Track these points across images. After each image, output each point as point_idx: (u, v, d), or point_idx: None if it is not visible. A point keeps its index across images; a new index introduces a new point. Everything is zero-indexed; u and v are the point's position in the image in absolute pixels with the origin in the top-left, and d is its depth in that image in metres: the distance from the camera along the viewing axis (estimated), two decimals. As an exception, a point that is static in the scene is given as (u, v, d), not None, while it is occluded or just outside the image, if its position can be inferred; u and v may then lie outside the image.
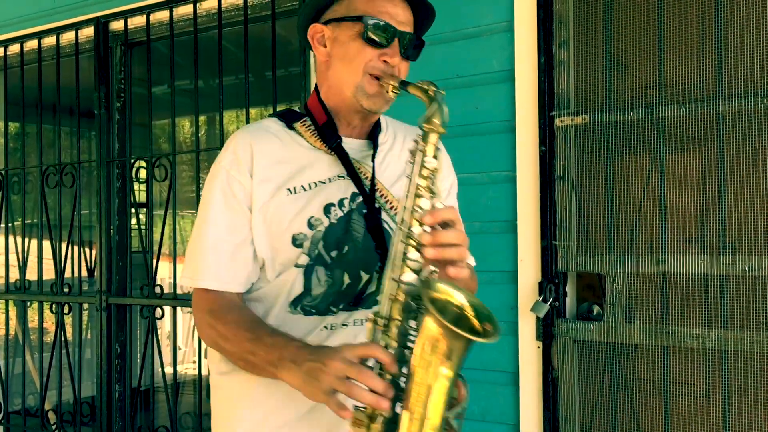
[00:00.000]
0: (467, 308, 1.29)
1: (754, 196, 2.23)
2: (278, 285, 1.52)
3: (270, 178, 1.51)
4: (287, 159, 1.54)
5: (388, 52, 1.48)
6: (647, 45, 2.40)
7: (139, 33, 3.57)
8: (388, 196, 1.56)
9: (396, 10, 1.50)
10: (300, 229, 1.49)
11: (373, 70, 1.49)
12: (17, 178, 4.05)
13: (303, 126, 1.59)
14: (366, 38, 1.48)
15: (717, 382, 2.27)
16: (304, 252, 1.49)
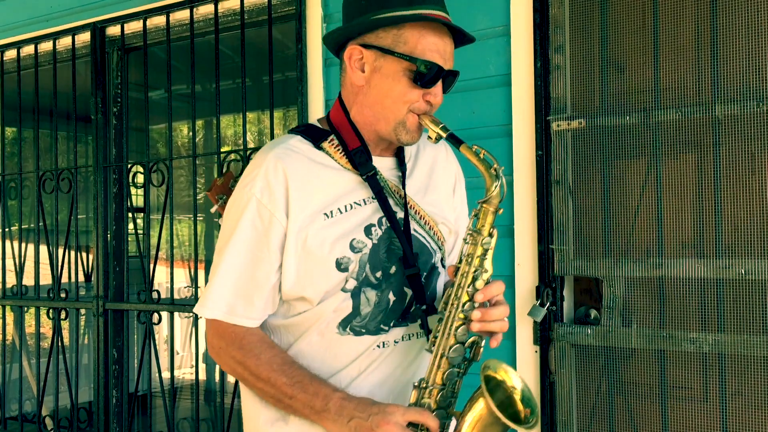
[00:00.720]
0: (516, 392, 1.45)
1: (750, 200, 2.23)
2: (324, 309, 1.50)
3: (305, 205, 1.47)
4: (320, 183, 1.50)
5: (433, 92, 1.49)
6: (643, 49, 2.40)
7: (135, 38, 3.57)
8: (417, 208, 1.58)
9: (445, 47, 1.50)
10: (343, 253, 1.47)
11: (417, 110, 1.50)
12: (14, 183, 4.04)
13: (331, 146, 1.55)
14: (415, 80, 1.47)
15: (714, 385, 2.27)
16: (351, 276, 1.48)
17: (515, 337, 2.54)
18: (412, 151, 1.65)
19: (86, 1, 3.63)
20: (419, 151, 1.66)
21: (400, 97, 1.48)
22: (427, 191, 1.61)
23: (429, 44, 1.47)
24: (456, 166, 1.72)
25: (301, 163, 1.50)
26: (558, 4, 2.49)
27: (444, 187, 1.67)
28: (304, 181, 1.48)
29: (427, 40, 1.47)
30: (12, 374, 4.16)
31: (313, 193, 1.48)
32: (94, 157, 3.61)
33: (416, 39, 1.47)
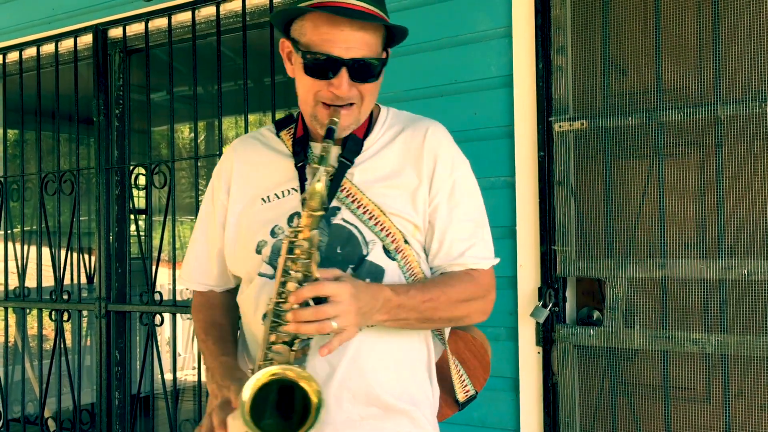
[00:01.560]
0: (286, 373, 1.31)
1: (752, 200, 2.23)
2: (249, 295, 1.55)
3: (246, 189, 1.58)
4: (266, 168, 1.57)
5: (334, 82, 1.43)
6: (645, 50, 2.40)
7: (137, 40, 3.57)
8: (358, 197, 1.51)
9: (342, 36, 1.41)
10: (263, 237, 1.51)
11: (324, 99, 1.46)
12: (16, 185, 4.05)
13: (287, 134, 1.61)
14: (308, 72, 1.45)
15: (717, 386, 2.27)
16: (265, 260, 1.50)
17: (518, 338, 2.54)
18: (377, 144, 1.56)
19: (88, 4, 3.63)
20: (388, 144, 1.56)
21: (307, 90, 1.47)
22: (381, 181, 1.52)
23: (321, 34, 1.41)
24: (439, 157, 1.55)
25: (254, 149, 1.62)
26: (560, 5, 2.50)
27: (409, 182, 1.53)
28: (251, 166, 1.60)
29: (320, 30, 1.42)
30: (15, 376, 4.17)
31: (257, 178, 1.58)
32: (97, 159, 3.62)
33: (310, 30, 1.43)
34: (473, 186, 1.61)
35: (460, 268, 1.55)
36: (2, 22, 3.97)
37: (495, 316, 2.59)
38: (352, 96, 1.45)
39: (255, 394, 1.28)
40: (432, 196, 1.53)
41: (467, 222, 1.56)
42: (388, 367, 1.51)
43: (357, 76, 1.43)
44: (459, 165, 1.58)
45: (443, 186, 1.54)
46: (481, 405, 2.60)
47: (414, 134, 1.56)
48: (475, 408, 2.62)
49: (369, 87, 1.47)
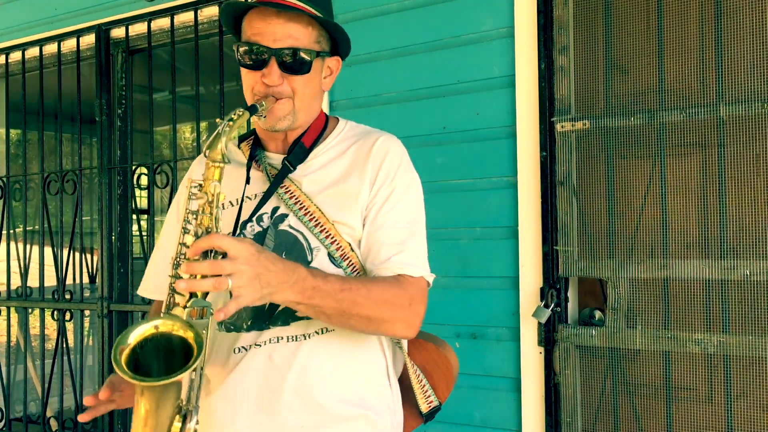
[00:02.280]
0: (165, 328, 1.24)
1: (755, 201, 2.23)
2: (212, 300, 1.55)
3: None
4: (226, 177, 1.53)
5: (265, 71, 1.47)
6: (648, 50, 2.40)
7: (140, 40, 3.57)
8: (306, 204, 1.51)
9: (270, 29, 1.46)
10: None
11: (259, 93, 1.50)
12: (19, 184, 4.05)
13: (246, 144, 1.65)
14: (241, 63, 1.50)
15: (719, 386, 2.27)
16: None
17: (520, 338, 2.54)
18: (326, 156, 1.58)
19: (91, 4, 3.64)
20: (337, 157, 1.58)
21: (246, 86, 1.53)
22: (327, 190, 1.53)
23: (253, 29, 1.49)
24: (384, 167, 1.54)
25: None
26: (562, 5, 2.50)
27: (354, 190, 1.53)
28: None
29: (252, 25, 1.49)
30: (17, 375, 4.17)
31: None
32: (99, 159, 3.62)
33: (246, 27, 1.51)
34: (414, 198, 1.57)
35: (387, 273, 1.50)
36: (5, 22, 3.97)
37: (497, 316, 2.61)
38: (283, 90, 1.49)
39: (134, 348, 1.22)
40: (369, 200, 1.53)
41: (399, 229, 1.52)
42: (340, 375, 1.51)
43: (287, 68, 1.47)
44: (401, 175, 1.56)
45: (381, 192, 1.53)
46: (482, 405, 2.60)
47: (363, 144, 1.57)
48: (476, 408, 2.62)
49: (301, 81, 1.50)
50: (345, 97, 2.92)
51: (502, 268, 2.59)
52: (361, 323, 1.43)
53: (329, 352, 1.50)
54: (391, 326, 1.47)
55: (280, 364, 1.47)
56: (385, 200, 1.52)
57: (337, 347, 1.51)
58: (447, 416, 2.66)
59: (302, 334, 1.49)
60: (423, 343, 1.72)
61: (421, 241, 1.55)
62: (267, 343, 1.49)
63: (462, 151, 2.66)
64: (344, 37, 1.56)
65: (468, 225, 2.65)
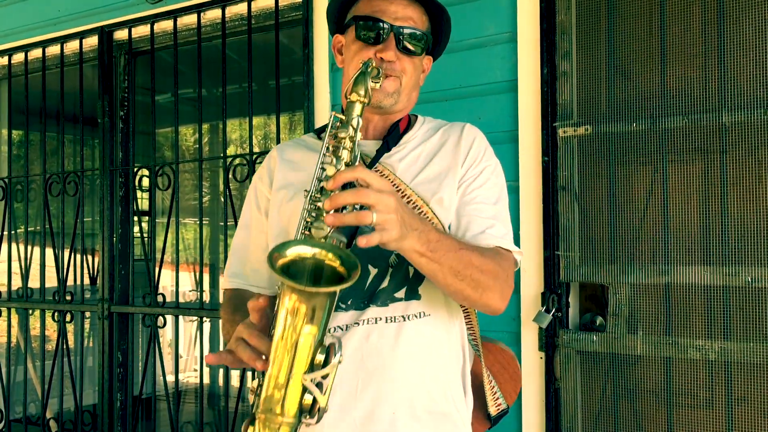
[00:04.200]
0: (321, 256, 1.18)
1: (757, 207, 2.22)
2: None
3: (289, 184, 1.59)
4: (308, 165, 1.56)
5: (382, 47, 1.51)
6: (650, 56, 2.40)
7: (143, 42, 3.58)
8: (402, 188, 1.52)
9: (393, 8, 1.52)
10: None
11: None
12: (20, 185, 4.06)
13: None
14: (359, 36, 1.52)
15: (720, 393, 2.27)
16: None
17: (520, 343, 2.54)
18: (416, 139, 1.61)
19: (94, 5, 3.64)
20: (426, 140, 1.61)
21: (356, 59, 1.52)
22: (420, 172, 1.56)
23: (374, 6, 1.52)
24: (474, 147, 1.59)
25: (296, 149, 1.66)
26: (565, 10, 2.50)
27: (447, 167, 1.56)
28: (293, 162, 1.63)
29: (373, 3, 1.53)
30: (17, 377, 4.17)
31: (298, 173, 1.60)
32: (101, 161, 3.62)
33: (364, 5, 1.54)
34: (501, 180, 1.62)
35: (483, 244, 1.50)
36: (8, 24, 3.98)
37: (497, 320, 2.60)
38: (396, 67, 1.52)
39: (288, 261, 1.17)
40: (462, 178, 1.56)
41: (490, 205, 1.56)
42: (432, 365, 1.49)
43: (403, 48, 1.52)
44: (490, 157, 1.62)
45: (473, 169, 1.57)
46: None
47: (451, 129, 1.63)
48: (477, 413, 2.62)
49: (412, 63, 1.55)
50: (347, 101, 2.92)
51: (503, 272, 2.59)
52: (468, 286, 1.40)
53: (424, 339, 1.49)
54: (492, 295, 1.45)
55: (379, 346, 1.44)
56: (477, 176, 1.56)
57: (430, 336, 1.50)
58: (447, 421, 2.65)
59: (402, 315, 1.47)
60: (490, 345, 1.73)
61: (508, 221, 1.59)
62: (366, 323, 1.46)
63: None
64: (446, 37, 1.63)
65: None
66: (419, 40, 1.54)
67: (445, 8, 1.60)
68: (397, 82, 1.54)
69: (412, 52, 1.54)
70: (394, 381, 1.45)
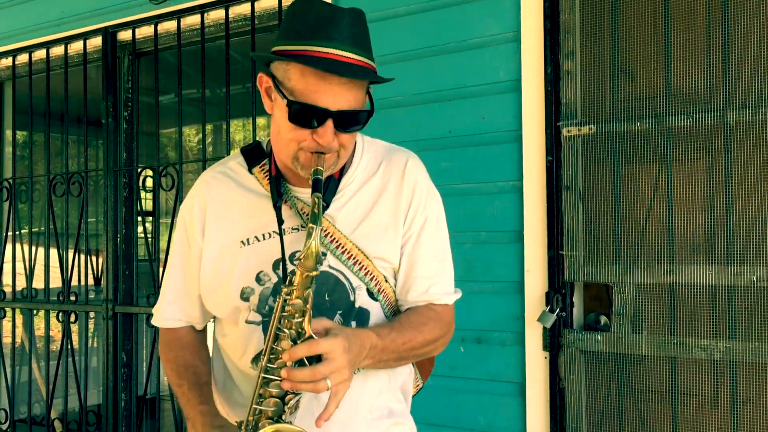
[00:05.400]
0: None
1: (761, 206, 2.22)
2: (236, 338, 1.54)
3: (221, 233, 1.54)
4: (241, 210, 1.53)
5: (320, 131, 1.37)
6: (654, 55, 2.40)
7: (146, 43, 3.58)
8: (342, 242, 1.49)
9: (330, 89, 1.35)
10: (248, 283, 1.50)
11: (307, 149, 1.40)
12: (25, 186, 4.06)
13: (261, 171, 1.55)
14: (292, 120, 1.38)
15: (725, 393, 2.26)
16: (252, 308, 1.50)
17: (525, 343, 2.53)
18: (355, 182, 1.54)
19: (98, 6, 3.65)
20: (366, 181, 1.54)
21: (288, 134, 1.40)
22: (361, 224, 1.51)
23: (309, 85, 1.35)
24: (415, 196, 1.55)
25: (228, 187, 1.57)
26: (568, 9, 2.49)
27: (388, 219, 1.53)
28: (225, 206, 1.55)
29: (308, 80, 1.35)
30: (21, 377, 4.18)
31: (233, 221, 1.54)
32: (105, 161, 3.63)
33: (297, 77, 1.36)
34: (441, 221, 1.60)
35: (423, 303, 1.56)
36: (12, 25, 3.99)
37: (502, 320, 2.60)
38: (333, 146, 1.40)
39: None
40: (405, 230, 1.54)
41: (433, 259, 1.56)
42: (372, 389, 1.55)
43: (342, 126, 1.39)
44: (431, 200, 1.58)
45: (416, 222, 1.54)
46: (487, 410, 2.59)
47: (392, 168, 1.55)
48: (481, 412, 2.62)
49: (350, 137, 1.44)
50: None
51: (507, 272, 2.59)
52: (412, 360, 1.57)
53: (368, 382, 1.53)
54: (435, 352, 1.59)
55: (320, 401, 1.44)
56: (420, 231, 1.54)
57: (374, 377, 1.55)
58: (452, 420, 2.65)
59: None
60: None
61: (450, 265, 1.61)
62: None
63: (467, 156, 2.66)
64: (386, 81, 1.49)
65: (473, 229, 2.65)
66: (359, 116, 1.41)
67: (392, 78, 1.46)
68: (334, 156, 1.42)
69: (351, 129, 1.41)
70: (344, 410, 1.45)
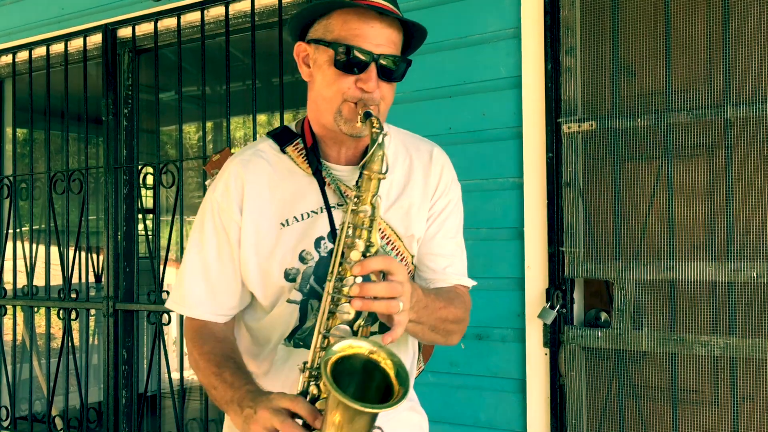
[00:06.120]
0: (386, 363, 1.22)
1: (762, 203, 2.22)
2: (275, 318, 1.53)
3: (261, 211, 1.51)
4: (280, 190, 1.52)
5: (363, 77, 1.41)
6: (655, 51, 2.40)
7: (146, 40, 3.58)
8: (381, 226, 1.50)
9: (373, 32, 1.40)
10: (292, 264, 1.49)
11: (351, 98, 1.43)
12: (25, 184, 4.06)
13: (295, 150, 1.55)
14: (338, 66, 1.42)
15: (725, 389, 2.26)
16: (296, 287, 1.50)
17: (525, 339, 2.53)
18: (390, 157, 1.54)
19: (98, 3, 3.65)
20: (395, 162, 1.57)
21: (332, 85, 1.44)
22: (393, 205, 1.53)
23: (352, 29, 1.40)
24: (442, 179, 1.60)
25: (263, 169, 1.53)
26: (569, 6, 2.49)
27: (417, 200, 1.56)
28: (261, 186, 1.52)
29: (350, 25, 1.41)
30: (22, 374, 4.18)
31: (271, 202, 1.51)
32: (105, 159, 3.63)
33: (340, 26, 1.42)
34: (460, 208, 1.66)
35: (443, 283, 1.57)
36: (12, 22, 3.98)
37: (502, 317, 2.60)
38: (376, 96, 1.43)
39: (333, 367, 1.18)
40: (430, 212, 1.58)
41: (451, 240, 1.61)
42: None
43: (384, 74, 1.43)
44: (455, 185, 1.64)
45: (440, 202, 1.59)
46: (488, 406, 2.60)
47: (419, 155, 1.60)
48: (482, 409, 2.62)
49: (390, 89, 1.47)
50: (351, 98, 2.92)
51: (508, 268, 2.59)
52: (440, 336, 1.51)
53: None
54: (455, 338, 1.56)
55: None
56: (442, 211, 1.59)
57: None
58: (452, 417, 2.66)
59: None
60: None
61: (464, 251, 1.65)
62: None
63: (468, 152, 2.66)
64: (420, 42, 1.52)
65: (473, 226, 2.65)
66: (399, 65, 1.45)
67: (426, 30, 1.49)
68: (375, 109, 1.44)
69: (392, 78, 1.45)
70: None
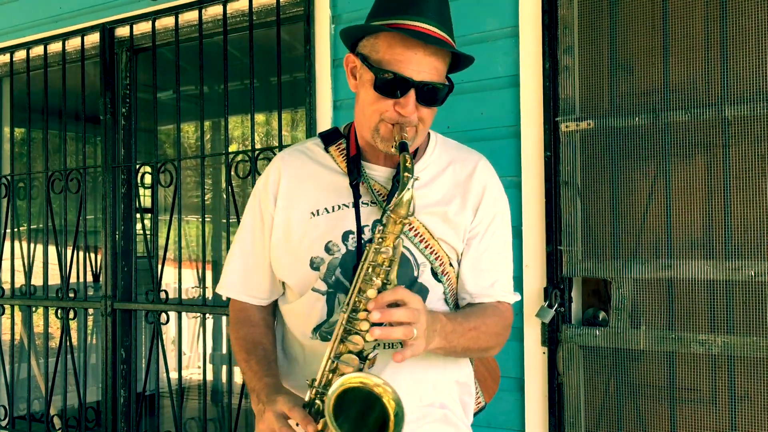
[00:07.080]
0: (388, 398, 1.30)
1: (759, 201, 2.22)
2: (302, 307, 1.57)
3: (294, 201, 1.58)
4: (315, 182, 1.58)
5: (402, 102, 1.45)
6: (652, 50, 2.40)
7: (144, 39, 3.58)
8: (413, 222, 1.53)
9: (416, 59, 1.43)
10: (318, 253, 1.53)
11: (389, 119, 1.47)
12: (23, 183, 4.06)
13: (337, 150, 1.61)
14: (378, 88, 1.46)
15: (723, 388, 2.27)
16: (321, 277, 1.53)
17: (523, 338, 2.54)
18: (427, 171, 1.59)
19: (95, 3, 3.64)
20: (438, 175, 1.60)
21: (372, 105, 1.48)
22: (432, 207, 1.56)
23: (395, 54, 1.44)
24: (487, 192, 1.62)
25: (302, 162, 1.63)
26: (567, 5, 2.49)
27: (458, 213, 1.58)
28: (298, 179, 1.60)
29: (394, 50, 1.44)
30: (20, 374, 4.18)
31: (305, 191, 1.59)
32: (103, 158, 3.62)
33: (385, 49, 1.45)
34: (508, 224, 1.67)
35: (488, 299, 1.59)
36: (10, 21, 3.98)
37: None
38: (413, 119, 1.47)
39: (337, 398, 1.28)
40: (473, 225, 1.59)
41: (498, 255, 1.62)
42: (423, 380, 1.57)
43: (423, 99, 1.46)
44: (501, 201, 1.66)
45: (485, 217, 1.61)
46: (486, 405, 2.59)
47: (464, 166, 1.63)
48: (480, 408, 2.62)
49: (429, 112, 1.50)
50: (350, 96, 2.92)
51: (506, 268, 2.59)
52: (477, 353, 1.58)
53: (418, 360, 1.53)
54: (493, 352, 1.61)
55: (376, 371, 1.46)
56: (489, 225, 1.61)
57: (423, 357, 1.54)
58: (450, 416, 2.65)
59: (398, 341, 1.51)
60: None
61: (511, 265, 1.66)
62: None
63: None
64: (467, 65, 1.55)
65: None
66: (440, 91, 1.48)
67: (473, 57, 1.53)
68: (413, 130, 1.49)
69: (432, 103, 1.48)
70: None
